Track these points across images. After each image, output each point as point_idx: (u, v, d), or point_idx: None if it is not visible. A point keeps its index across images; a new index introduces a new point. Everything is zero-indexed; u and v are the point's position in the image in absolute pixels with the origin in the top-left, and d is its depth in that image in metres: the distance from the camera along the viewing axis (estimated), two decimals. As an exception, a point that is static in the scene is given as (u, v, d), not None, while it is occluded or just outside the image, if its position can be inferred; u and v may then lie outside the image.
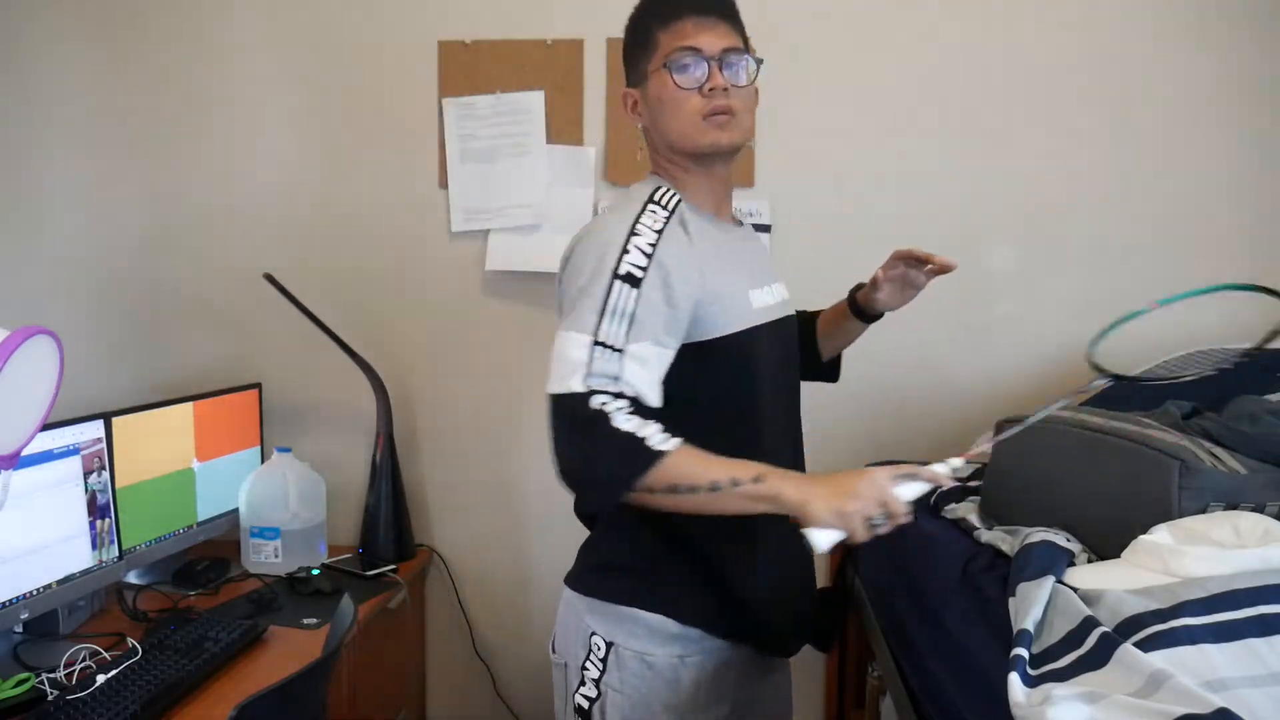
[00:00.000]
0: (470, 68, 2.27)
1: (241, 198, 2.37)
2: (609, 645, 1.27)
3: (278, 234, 2.36)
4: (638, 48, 1.30)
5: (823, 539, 1.08)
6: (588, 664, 1.29)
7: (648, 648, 1.25)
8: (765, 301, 1.33)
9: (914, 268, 1.43)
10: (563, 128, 2.24)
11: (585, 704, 1.29)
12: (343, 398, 2.36)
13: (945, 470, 1.11)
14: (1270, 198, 2.14)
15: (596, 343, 1.11)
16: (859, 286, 1.53)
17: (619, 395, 1.10)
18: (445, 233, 2.30)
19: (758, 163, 2.22)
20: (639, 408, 1.11)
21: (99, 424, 1.84)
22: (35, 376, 1.13)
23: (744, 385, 1.28)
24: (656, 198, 1.26)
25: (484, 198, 2.27)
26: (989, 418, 1.88)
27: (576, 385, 1.09)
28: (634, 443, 1.08)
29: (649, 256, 1.17)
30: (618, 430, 1.08)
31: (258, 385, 2.32)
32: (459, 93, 2.27)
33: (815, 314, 1.60)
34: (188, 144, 2.38)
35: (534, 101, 2.25)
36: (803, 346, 1.48)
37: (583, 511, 1.38)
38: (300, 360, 2.37)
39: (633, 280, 1.14)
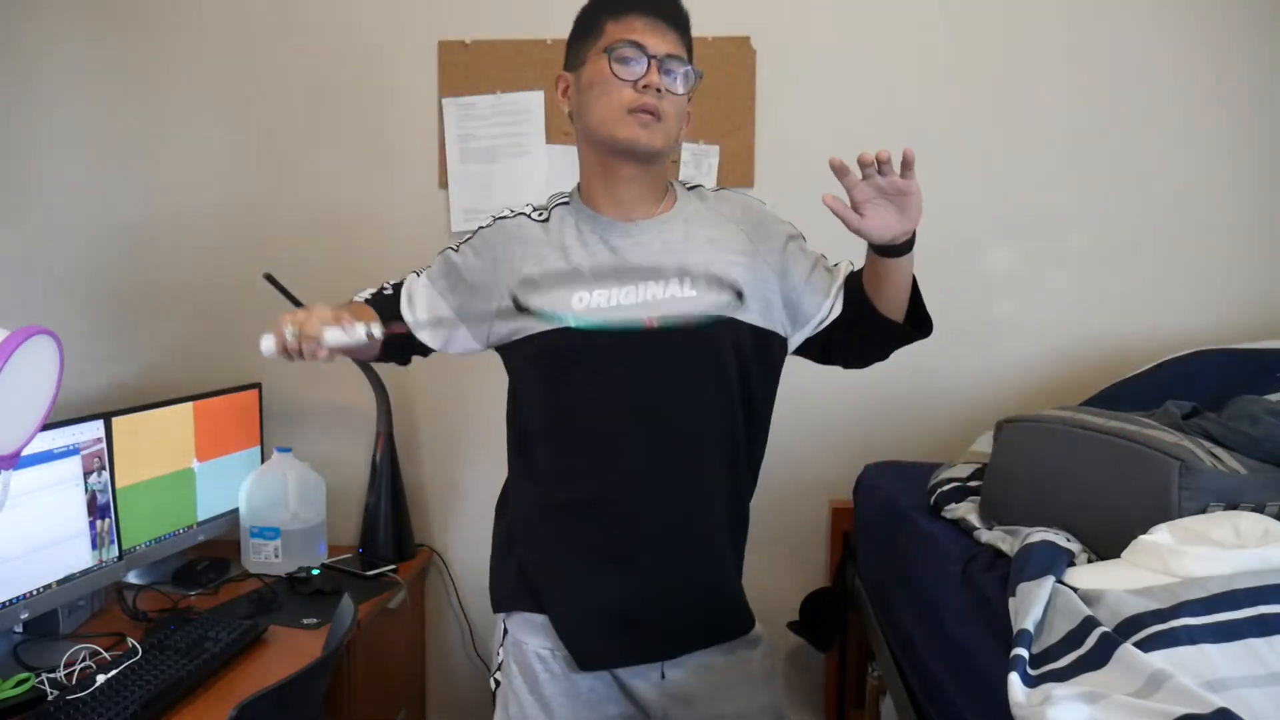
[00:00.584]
0: (470, 68, 2.27)
1: (242, 197, 2.37)
2: (505, 632, 1.41)
3: (277, 234, 2.36)
4: (583, 34, 1.32)
5: (262, 341, 1.24)
6: (499, 650, 1.42)
7: (524, 637, 1.37)
8: (611, 302, 1.27)
9: (871, 176, 1.23)
10: (563, 128, 2.24)
11: (493, 685, 1.43)
12: (343, 398, 2.36)
13: (360, 330, 1.23)
14: (1270, 197, 2.14)
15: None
16: None
17: (384, 289, 1.45)
18: (445, 233, 2.30)
19: (757, 163, 2.23)
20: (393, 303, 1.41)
21: (99, 424, 1.84)
22: (35, 376, 1.12)
23: (553, 387, 1.32)
24: (532, 204, 1.39)
25: (484, 198, 2.27)
26: (988, 418, 1.88)
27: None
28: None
29: (471, 240, 1.40)
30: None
31: (258, 385, 2.32)
32: (459, 93, 2.27)
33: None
34: (188, 143, 2.38)
35: (534, 101, 2.25)
36: (861, 311, 1.33)
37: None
38: (300, 360, 2.37)
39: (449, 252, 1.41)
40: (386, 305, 1.41)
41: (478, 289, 1.36)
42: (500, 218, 1.39)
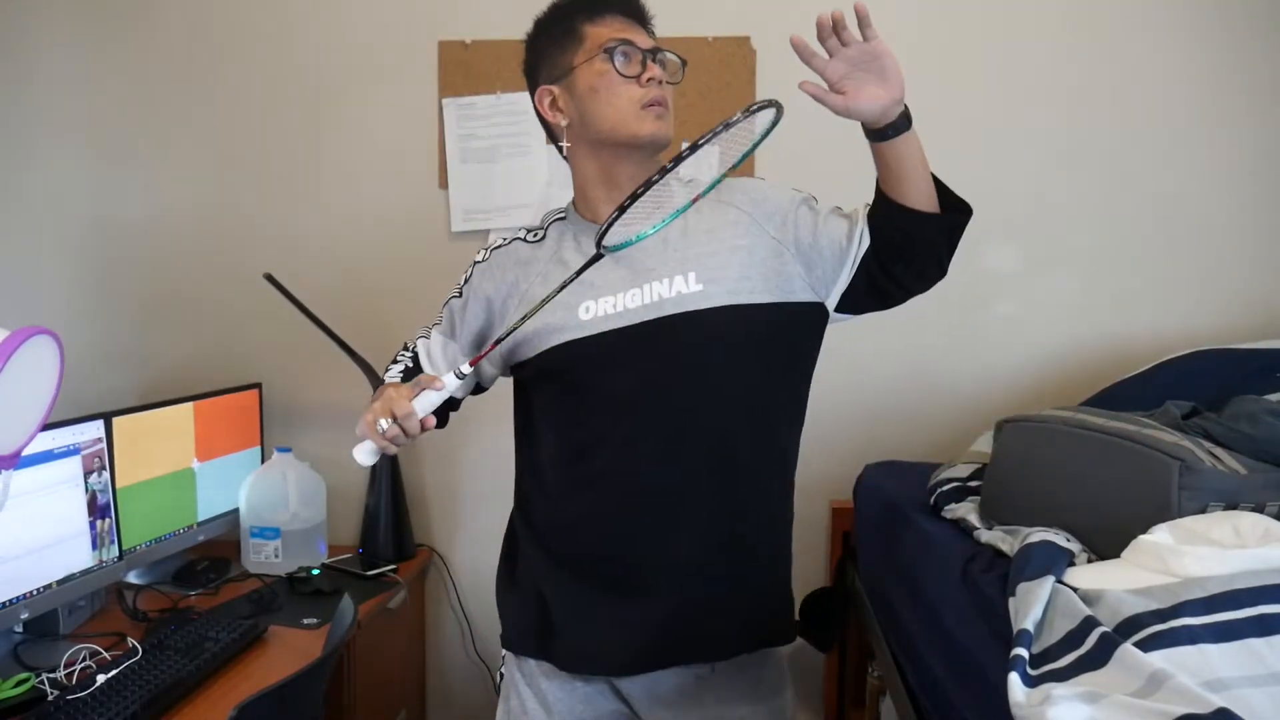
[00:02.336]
0: (470, 68, 2.27)
1: (242, 197, 2.37)
2: (505, 654, 1.44)
3: (278, 234, 2.36)
4: (559, 43, 1.30)
5: (357, 452, 1.22)
6: (503, 669, 1.45)
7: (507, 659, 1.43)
8: (618, 308, 1.25)
9: (836, 50, 1.20)
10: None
11: (498, 679, 1.47)
12: (343, 398, 2.36)
13: (451, 379, 1.21)
14: (1270, 197, 2.14)
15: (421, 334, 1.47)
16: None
17: (407, 347, 1.47)
18: (445, 233, 2.30)
19: (758, 163, 2.22)
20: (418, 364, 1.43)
21: (99, 424, 1.84)
22: (35, 376, 1.12)
23: (568, 403, 1.31)
24: (525, 227, 1.41)
25: (484, 198, 2.27)
26: (988, 418, 1.88)
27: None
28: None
29: (466, 282, 1.41)
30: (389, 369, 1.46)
31: (258, 385, 2.32)
32: (459, 93, 2.27)
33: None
34: (188, 143, 2.38)
35: (534, 101, 2.25)
36: (892, 220, 1.24)
37: None
38: (300, 360, 2.37)
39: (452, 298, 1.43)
40: (416, 374, 1.40)
41: (484, 329, 1.38)
42: (495, 248, 1.39)
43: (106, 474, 1.86)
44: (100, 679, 1.50)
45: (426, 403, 1.19)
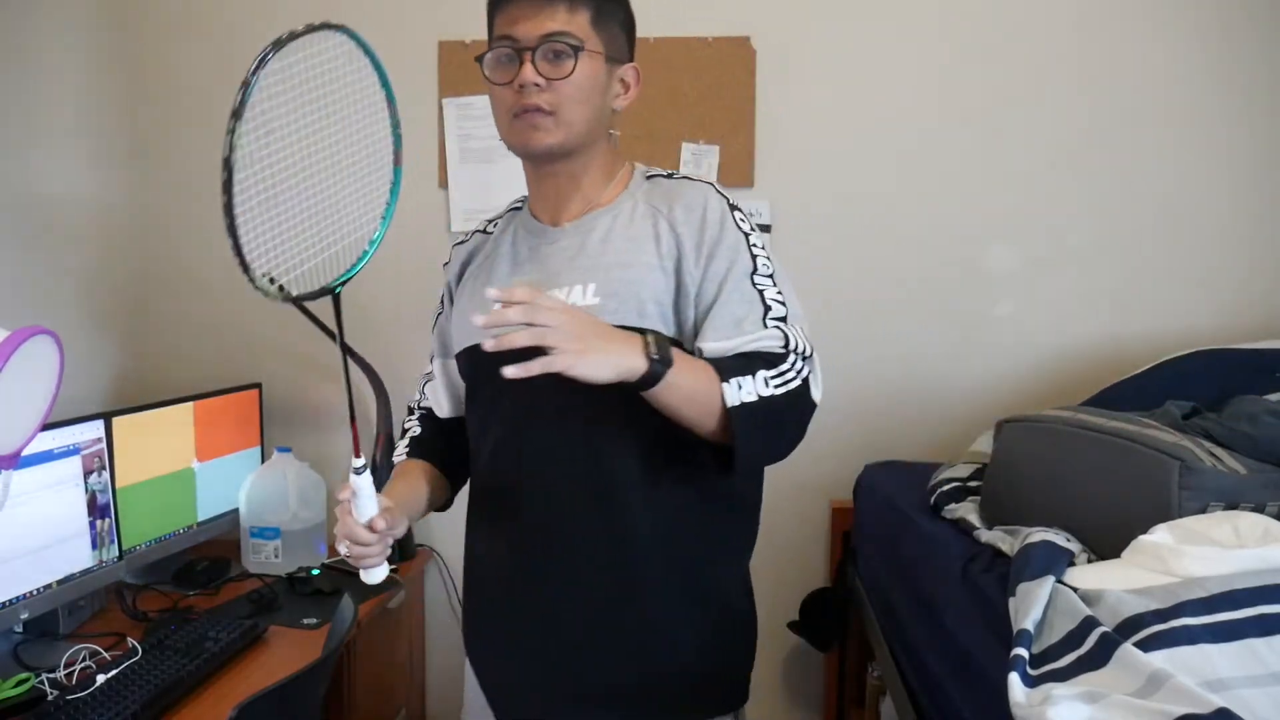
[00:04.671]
0: (470, 68, 2.25)
1: (242, 197, 2.36)
2: None
3: (278, 234, 2.35)
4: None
5: (364, 575, 1.18)
6: None
7: None
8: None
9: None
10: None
11: None
12: (343, 398, 2.35)
13: (354, 479, 1.14)
14: (1270, 197, 2.14)
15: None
16: None
17: (411, 411, 1.41)
18: (445, 233, 2.30)
19: (758, 163, 2.22)
20: (429, 417, 1.38)
21: (99, 424, 1.84)
22: (35, 376, 1.13)
23: (469, 412, 1.29)
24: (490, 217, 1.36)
25: (484, 198, 2.27)
26: (988, 418, 1.88)
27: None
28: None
29: (444, 293, 1.38)
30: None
31: (258, 385, 2.32)
32: (459, 93, 2.27)
33: None
34: (188, 142, 2.38)
35: (534, 101, 2.25)
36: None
37: None
38: (300, 360, 2.37)
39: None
40: (428, 424, 1.38)
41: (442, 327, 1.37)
42: (456, 244, 1.37)
43: (106, 474, 1.85)
44: (100, 679, 1.50)
45: (361, 511, 1.13)
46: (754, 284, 1.13)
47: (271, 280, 1.12)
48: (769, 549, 2.28)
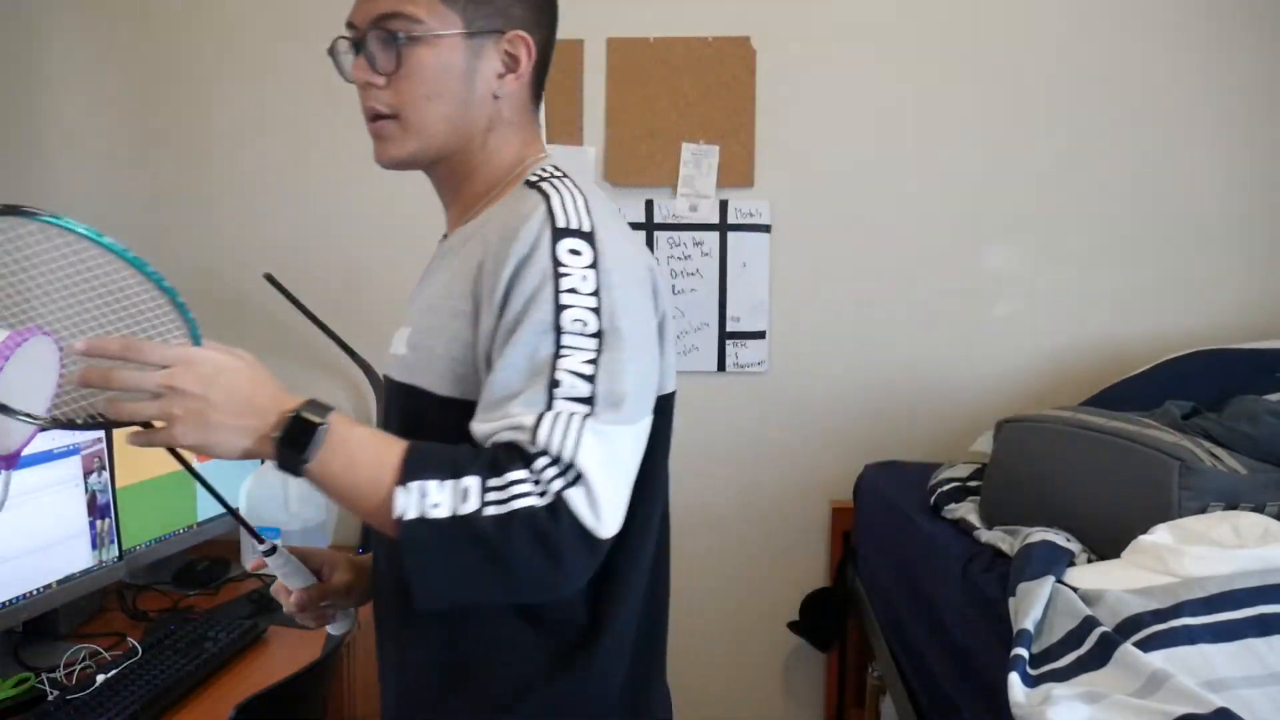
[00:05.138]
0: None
1: (242, 197, 2.37)
2: None
3: (278, 234, 2.36)
4: None
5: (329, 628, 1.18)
6: None
7: None
8: (391, 349, 0.99)
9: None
10: (562, 128, 2.23)
11: None
12: (343, 398, 2.36)
13: (266, 560, 1.09)
14: (1270, 197, 2.14)
15: None
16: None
17: None
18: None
19: (758, 163, 2.22)
20: None
21: (99, 424, 1.84)
22: (35, 376, 1.12)
23: None
24: None
25: (484, 198, 2.27)
26: (988, 418, 1.88)
27: None
28: None
29: None
30: None
31: (258, 385, 2.31)
32: (459, 93, 2.27)
33: None
34: (189, 142, 2.38)
35: (534, 101, 2.24)
36: None
37: None
38: (300, 360, 2.37)
39: None
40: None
41: None
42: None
43: (106, 474, 1.85)
44: (100, 679, 1.50)
45: (291, 583, 1.15)
46: (556, 344, 0.80)
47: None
48: (769, 549, 2.30)
